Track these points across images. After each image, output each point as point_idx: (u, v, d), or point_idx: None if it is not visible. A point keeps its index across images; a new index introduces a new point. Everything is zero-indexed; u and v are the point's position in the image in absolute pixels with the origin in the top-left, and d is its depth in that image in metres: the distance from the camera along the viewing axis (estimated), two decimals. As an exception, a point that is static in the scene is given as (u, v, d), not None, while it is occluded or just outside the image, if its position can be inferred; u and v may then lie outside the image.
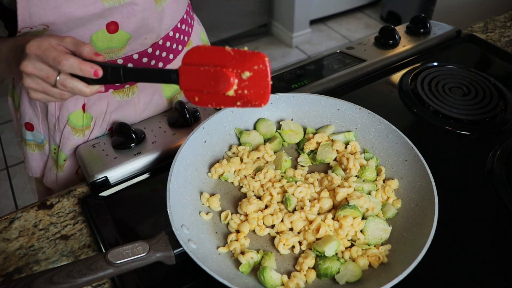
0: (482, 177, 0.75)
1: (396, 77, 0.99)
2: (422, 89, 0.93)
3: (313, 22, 3.10)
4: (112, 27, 0.70)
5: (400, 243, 0.62)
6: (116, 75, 0.57)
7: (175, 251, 0.56)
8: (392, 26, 1.08)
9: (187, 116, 0.81)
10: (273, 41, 3.06)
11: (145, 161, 0.77)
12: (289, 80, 0.96)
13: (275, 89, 0.93)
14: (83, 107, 0.79)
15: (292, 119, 0.79)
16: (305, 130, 0.78)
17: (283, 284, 0.58)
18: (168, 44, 0.81)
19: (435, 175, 0.65)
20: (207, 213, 0.66)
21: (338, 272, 0.59)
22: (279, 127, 0.79)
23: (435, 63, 1.02)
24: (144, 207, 0.72)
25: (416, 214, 0.64)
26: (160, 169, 0.76)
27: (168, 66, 0.83)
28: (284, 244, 0.62)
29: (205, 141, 0.72)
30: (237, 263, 0.60)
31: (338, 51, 1.05)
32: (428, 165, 0.67)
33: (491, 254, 0.64)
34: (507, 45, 1.11)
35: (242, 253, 0.60)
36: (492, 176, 0.75)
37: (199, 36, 0.96)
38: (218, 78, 0.51)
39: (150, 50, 0.78)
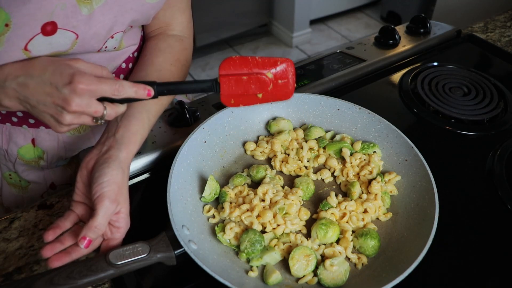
0: (482, 177, 0.75)
1: (396, 77, 0.99)
2: (422, 89, 0.93)
3: (313, 22, 3.10)
4: None
5: (401, 243, 0.62)
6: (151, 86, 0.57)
7: (175, 252, 0.56)
8: (392, 26, 1.08)
9: (187, 116, 0.81)
10: (273, 41, 3.06)
11: (145, 161, 0.77)
12: (289, 80, 0.96)
13: (275, 89, 0.93)
14: (33, 141, 0.76)
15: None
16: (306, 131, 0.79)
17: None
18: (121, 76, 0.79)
19: (435, 175, 0.66)
20: (210, 217, 0.66)
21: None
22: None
23: (435, 63, 1.02)
24: (144, 207, 0.72)
25: (416, 213, 0.64)
26: (160, 169, 0.76)
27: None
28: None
29: (205, 142, 0.72)
30: (238, 264, 0.61)
31: (338, 51, 1.05)
32: (428, 165, 0.67)
33: (491, 254, 0.64)
34: (507, 45, 1.11)
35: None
36: (492, 176, 0.75)
37: None
38: (258, 83, 0.59)
39: None
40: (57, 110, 0.55)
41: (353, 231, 0.65)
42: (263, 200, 0.66)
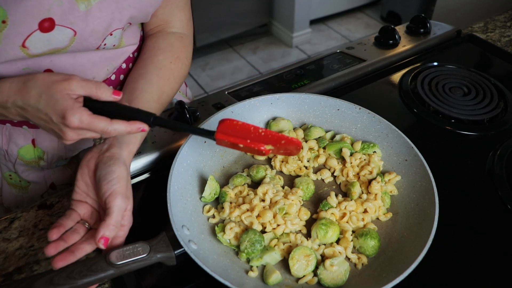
0: (482, 177, 0.75)
1: (396, 77, 0.99)
2: (422, 89, 0.93)
3: (313, 22, 3.10)
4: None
5: (401, 243, 0.62)
6: (147, 121, 0.57)
7: (175, 252, 0.56)
8: (392, 26, 1.08)
9: (187, 116, 0.81)
10: (273, 41, 3.06)
11: (145, 161, 0.77)
12: (289, 80, 0.96)
13: (275, 89, 0.93)
14: (33, 141, 0.76)
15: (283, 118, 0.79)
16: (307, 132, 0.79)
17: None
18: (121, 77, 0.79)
19: (435, 175, 0.65)
20: (210, 217, 0.66)
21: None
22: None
23: (435, 63, 1.02)
24: (144, 207, 0.72)
25: (416, 213, 0.64)
26: (160, 169, 0.76)
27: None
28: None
29: (205, 142, 0.72)
30: (238, 264, 0.61)
31: (338, 51, 1.05)
32: (428, 165, 0.67)
33: (491, 254, 0.64)
34: (507, 45, 1.11)
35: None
36: (492, 176, 0.75)
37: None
38: (254, 152, 0.59)
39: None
40: (56, 134, 0.57)
41: (353, 231, 0.65)
42: (263, 200, 0.66)
